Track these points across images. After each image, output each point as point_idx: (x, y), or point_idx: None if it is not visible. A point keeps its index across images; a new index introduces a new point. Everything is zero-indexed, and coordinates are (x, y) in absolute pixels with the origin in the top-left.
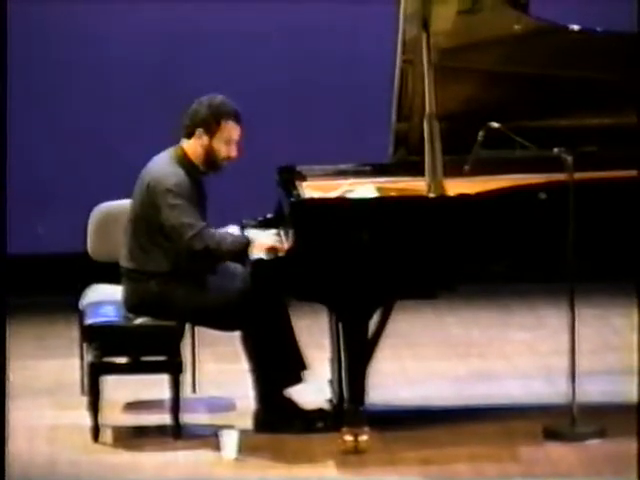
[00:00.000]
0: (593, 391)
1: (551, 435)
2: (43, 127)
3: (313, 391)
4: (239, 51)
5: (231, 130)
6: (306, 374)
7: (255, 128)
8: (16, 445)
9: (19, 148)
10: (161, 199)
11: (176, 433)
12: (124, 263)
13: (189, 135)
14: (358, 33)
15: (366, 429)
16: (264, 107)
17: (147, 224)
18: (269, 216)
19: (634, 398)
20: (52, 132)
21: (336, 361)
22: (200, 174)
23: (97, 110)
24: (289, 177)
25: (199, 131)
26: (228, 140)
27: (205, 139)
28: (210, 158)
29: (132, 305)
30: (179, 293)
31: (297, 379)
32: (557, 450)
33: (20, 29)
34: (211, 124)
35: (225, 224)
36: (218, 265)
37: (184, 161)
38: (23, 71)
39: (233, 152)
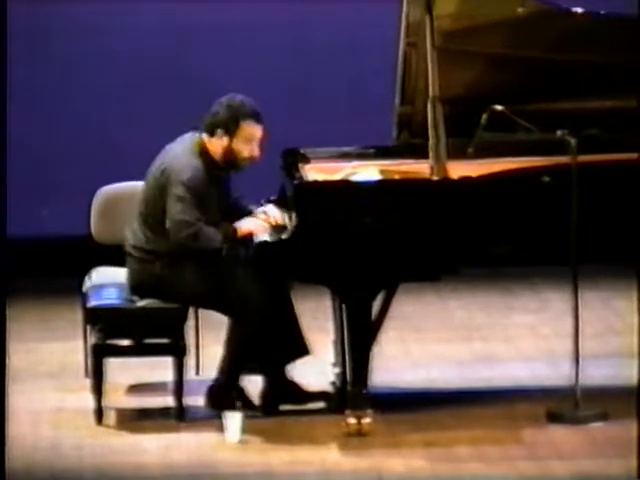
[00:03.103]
0: (596, 374)
1: (554, 418)
2: (47, 111)
3: (316, 374)
4: (243, 39)
5: (251, 130)
6: (309, 357)
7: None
8: (20, 428)
9: (23, 131)
10: (172, 188)
11: (179, 416)
12: (131, 242)
13: (211, 133)
14: (361, 17)
15: (369, 412)
16: (268, 90)
17: (157, 206)
18: (272, 198)
19: (636, 381)
20: (56, 115)
21: (339, 344)
22: (220, 171)
23: (100, 96)
24: (293, 160)
25: (219, 131)
26: (248, 140)
27: (225, 140)
28: (230, 158)
29: (136, 287)
30: (183, 276)
31: (293, 359)
32: (560, 433)
33: (24, 17)
34: (230, 125)
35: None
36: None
37: (205, 155)
38: (27, 56)
39: (255, 152)
